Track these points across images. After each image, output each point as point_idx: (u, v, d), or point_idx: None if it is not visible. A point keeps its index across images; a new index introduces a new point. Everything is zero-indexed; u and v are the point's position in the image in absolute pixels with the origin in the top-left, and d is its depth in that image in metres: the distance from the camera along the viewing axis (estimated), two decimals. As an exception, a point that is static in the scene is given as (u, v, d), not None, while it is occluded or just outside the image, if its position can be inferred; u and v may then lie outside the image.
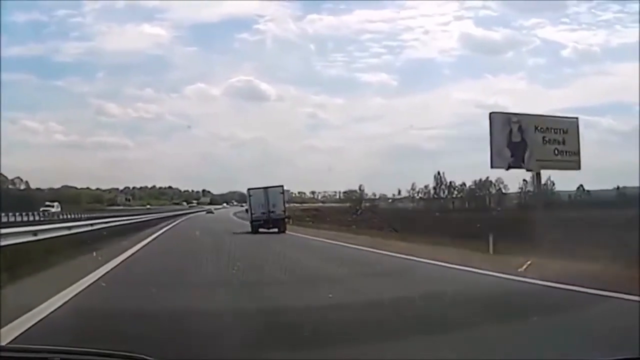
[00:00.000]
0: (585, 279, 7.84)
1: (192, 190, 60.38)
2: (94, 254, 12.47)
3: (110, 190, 53.69)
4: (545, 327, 5.44)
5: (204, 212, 56.21)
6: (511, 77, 63.86)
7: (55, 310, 6.23)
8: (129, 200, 54.14)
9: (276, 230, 27.92)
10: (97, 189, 52.36)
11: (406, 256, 13.56)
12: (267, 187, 29.83)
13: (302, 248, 18.92)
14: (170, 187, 59.30)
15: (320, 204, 53.31)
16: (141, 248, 16.68)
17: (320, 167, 60.72)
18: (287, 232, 27.96)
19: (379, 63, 64.44)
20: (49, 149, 53.02)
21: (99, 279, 9.04)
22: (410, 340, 5.18)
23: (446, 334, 5.28)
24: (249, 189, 30.71)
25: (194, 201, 61.00)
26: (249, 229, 28.20)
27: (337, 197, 54.51)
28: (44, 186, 47.45)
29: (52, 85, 58.81)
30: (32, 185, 45.66)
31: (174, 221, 38.83)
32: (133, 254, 14.57)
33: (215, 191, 60.64)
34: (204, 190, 60.21)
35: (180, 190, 59.80)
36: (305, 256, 15.56)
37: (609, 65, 61.86)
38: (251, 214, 29.40)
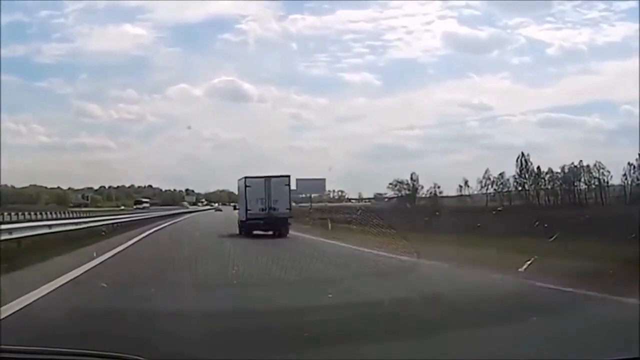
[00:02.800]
0: None
1: (175, 190, 59.20)
2: None
3: (83, 190, 52.02)
4: None
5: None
6: (496, 77, 64.96)
7: None
8: (87, 198, 50.30)
9: (272, 233, 21.93)
10: (69, 188, 51.65)
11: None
12: (268, 177, 22.87)
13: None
14: (150, 186, 58.17)
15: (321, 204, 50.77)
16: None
17: (304, 167, 60.60)
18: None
19: (362, 63, 65.27)
20: (28, 148, 53.01)
21: None
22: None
23: None
24: (245, 178, 23.31)
25: (143, 201, 55.00)
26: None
27: (331, 196, 51.38)
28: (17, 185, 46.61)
29: (34, 86, 58.83)
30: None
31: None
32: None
33: (200, 190, 59.96)
34: (187, 190, 59.23)
35: (161, 190, 58.65)
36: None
37: (594, 64, 62.49)
38: (246, 210, 22.49)
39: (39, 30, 57.65)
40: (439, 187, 40.46)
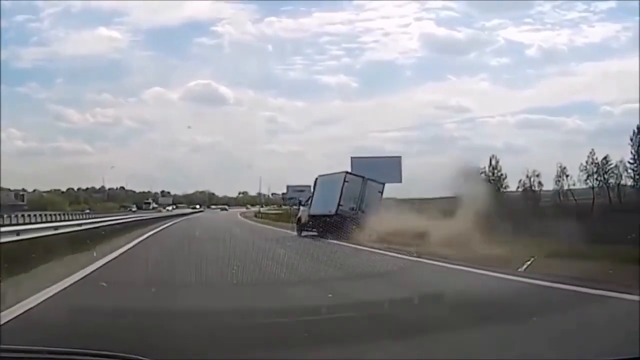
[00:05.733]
0: None
1: (149, 191, 58.62)
2: None
3: (50, 192, 50.84)
4: None
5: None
6: (474, 78, 64.82)
7: None
8: (22, 198, 45.85)
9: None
10: (35, 190, 50.82)
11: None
12: (364, 178, 22.69)
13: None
14: (122, 188, 57.90)
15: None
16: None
17: (281, 170, 60.45)
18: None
19: (338, 65, 64.62)
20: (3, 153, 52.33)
21: None
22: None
23: None
24: (346, 173, 22.96)
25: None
26: None
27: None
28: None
29: (11, 91, 58.20)
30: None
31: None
32: None
33: (178, 191, 59.61)
34: (162, 191, 58.90)
35: (134, 192, 57.85)
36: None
37: (573, 65, 62.33)
38: (338, 205, 21.80)
39: (16, 34, 57.60)
40: (537, 176, 26.70)
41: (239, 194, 62.84)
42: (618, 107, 49.45)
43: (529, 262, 9.30)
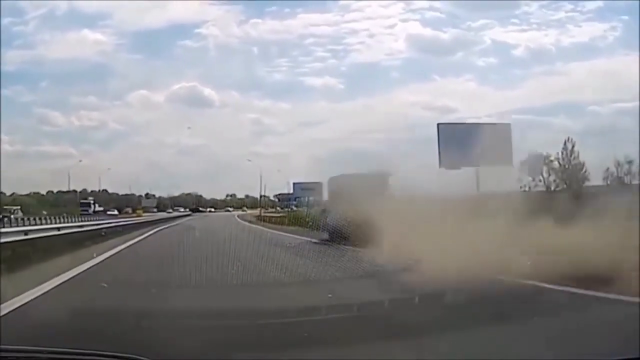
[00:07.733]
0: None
1: (133, 194, 58.87)
2: None
3: (30, 196, 49.60)
4: None
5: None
6: (460, 79, 64.66)
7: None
8: None
9: None
10: (13, 193, 48.32)
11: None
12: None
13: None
14: (105, 191, 57.58)
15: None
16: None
17: (268, 172, 61.43)
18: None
19: (324, 67, 64.87)
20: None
21: None
22: None
23: None
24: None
25: None
26: None
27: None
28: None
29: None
30: None
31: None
32: None
33: (163, 194, 59.36)
34: (147, 194, 59.05)
35: (117, 194, 57.95)
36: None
37: (560, 65, 63.30)
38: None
39: (2, 37, 57.27)
40: (629, 163, 20.28)
41: (227, 196, 63.33)
42: (606, 107, 50.28)
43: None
